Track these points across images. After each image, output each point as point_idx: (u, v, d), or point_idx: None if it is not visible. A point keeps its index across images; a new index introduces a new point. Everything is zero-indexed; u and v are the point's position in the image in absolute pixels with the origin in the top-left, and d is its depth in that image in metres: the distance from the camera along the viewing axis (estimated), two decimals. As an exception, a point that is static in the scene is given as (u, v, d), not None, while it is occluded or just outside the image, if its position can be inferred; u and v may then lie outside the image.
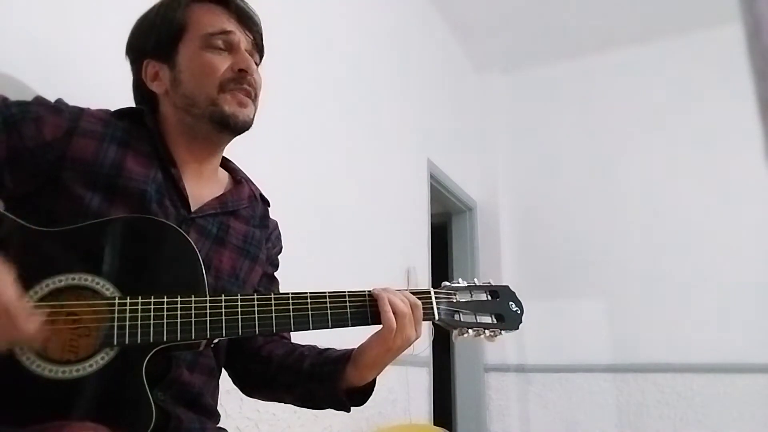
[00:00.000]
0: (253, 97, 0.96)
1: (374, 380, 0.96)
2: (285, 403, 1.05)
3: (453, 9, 3.40)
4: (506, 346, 3.49)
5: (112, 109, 0.95)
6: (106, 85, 1.15)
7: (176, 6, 0.95)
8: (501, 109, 4.00)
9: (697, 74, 3.46)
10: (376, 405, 2.26)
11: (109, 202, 0.83)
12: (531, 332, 3.40)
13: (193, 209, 0.92)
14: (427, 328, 2.81)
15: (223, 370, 1.02)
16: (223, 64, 0.93)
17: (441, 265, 3.46)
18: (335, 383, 0.93)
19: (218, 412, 0.98)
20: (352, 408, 0.96)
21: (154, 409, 0.74)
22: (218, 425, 0.97)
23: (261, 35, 1.01)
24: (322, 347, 1.01)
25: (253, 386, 1.05)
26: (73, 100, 0.91)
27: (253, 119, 0.97)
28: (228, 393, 1.12)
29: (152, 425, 0.73)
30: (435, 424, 2.82)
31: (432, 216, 3.11)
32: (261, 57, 1.03)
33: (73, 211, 0.81)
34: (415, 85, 3.06)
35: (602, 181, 3.61)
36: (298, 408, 1.78)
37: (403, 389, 2.52)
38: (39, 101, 0.87)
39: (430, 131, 3.19)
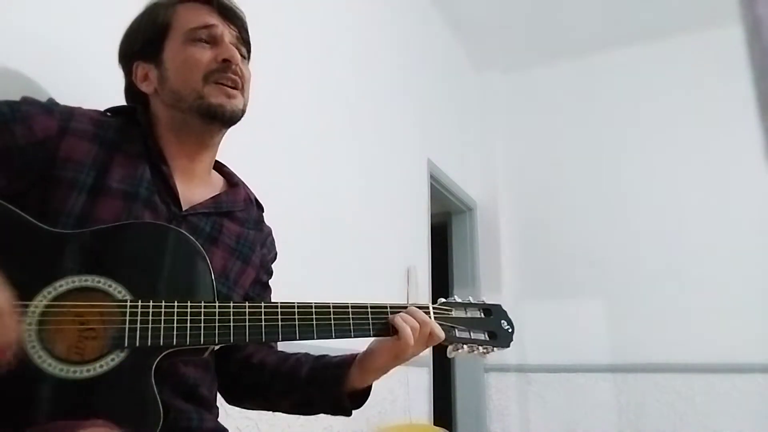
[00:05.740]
0: (241, 88, 0.96)
1: (371, 383, 0.98)
2: (278, 410, 1.05)
3: (453, 8, 3.40)
4: (506, 346, 3.47)
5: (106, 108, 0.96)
6: (103, 84, 1.15)
7: (161, 8, 0.97)
8: (501, 109, 4.00)
9: (697, 74, 3.47)
10: (376, 405, 2.26)
11: (94, 202, 0.84)
12: (531, 332, 3.40)
13: (184, 208, 0.93)
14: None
15: None
16: (206, 56, 0.94)
17: (441, 265, 3.46)
18: (338, 387, 0.95)
19: (216, 405, 0.99)
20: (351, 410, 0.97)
21: (161, 410, 0.75)
22: (218, 421, 0.97)
23: (246, 29, 1.02)
24: (315, 354, 1.02)
25: (243, 395, 1.05)
26: (69, 100, 0.91)
27: (242, 110, 0.97)
28: (228, 393, 1.12)
29: (160, 425, 0.75)
30: (435, 424, 2.82)
31: (432, 216, 3.11)
32: (248, 50, 1.03)
33: (60, 210, 0.81)
34: (415, 85, 3.06)
35: (602, 180, 3.61)
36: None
37: (403, 389, 2.52)
38: (29, 101, 0.87)
39: (430, 131, 3.20)
